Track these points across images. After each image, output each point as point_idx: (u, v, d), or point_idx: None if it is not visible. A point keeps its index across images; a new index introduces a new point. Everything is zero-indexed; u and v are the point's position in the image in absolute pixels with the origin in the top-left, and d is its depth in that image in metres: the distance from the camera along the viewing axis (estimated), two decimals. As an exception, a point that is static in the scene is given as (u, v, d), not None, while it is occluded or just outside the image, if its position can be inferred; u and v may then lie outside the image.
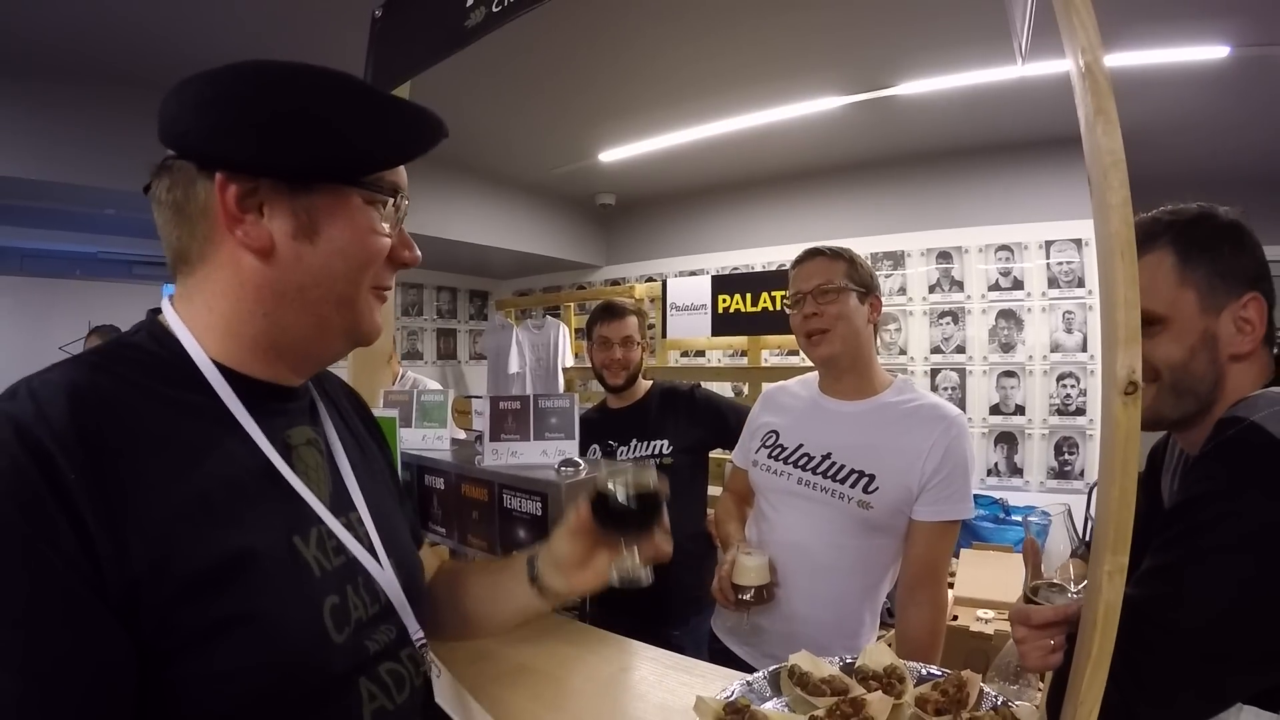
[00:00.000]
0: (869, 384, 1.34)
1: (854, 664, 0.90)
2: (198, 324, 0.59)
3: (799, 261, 1.38)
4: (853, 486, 1.25)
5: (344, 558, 0.61)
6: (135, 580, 0.46)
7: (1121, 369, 0.52)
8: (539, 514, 1.06)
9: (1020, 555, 0.79)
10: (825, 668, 0.87)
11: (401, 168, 0.65)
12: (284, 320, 0.59)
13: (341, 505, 0.65)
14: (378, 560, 0.65)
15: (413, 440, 1.45)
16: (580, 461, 1.12)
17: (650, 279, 5.00)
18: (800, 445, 1.34)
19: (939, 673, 0.87)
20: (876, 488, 1.23)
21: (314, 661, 0.55)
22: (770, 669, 0.89)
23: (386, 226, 0.63)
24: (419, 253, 0.67)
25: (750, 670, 1.34)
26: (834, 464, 1.28)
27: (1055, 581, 0.74)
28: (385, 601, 0.65)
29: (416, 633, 0.67)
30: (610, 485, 0.72)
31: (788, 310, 1.38)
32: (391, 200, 0.63)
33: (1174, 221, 0.82)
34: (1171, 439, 0.90)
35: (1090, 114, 0.56)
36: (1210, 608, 0.62)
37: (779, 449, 1.37)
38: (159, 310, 0.62)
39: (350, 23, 1.29)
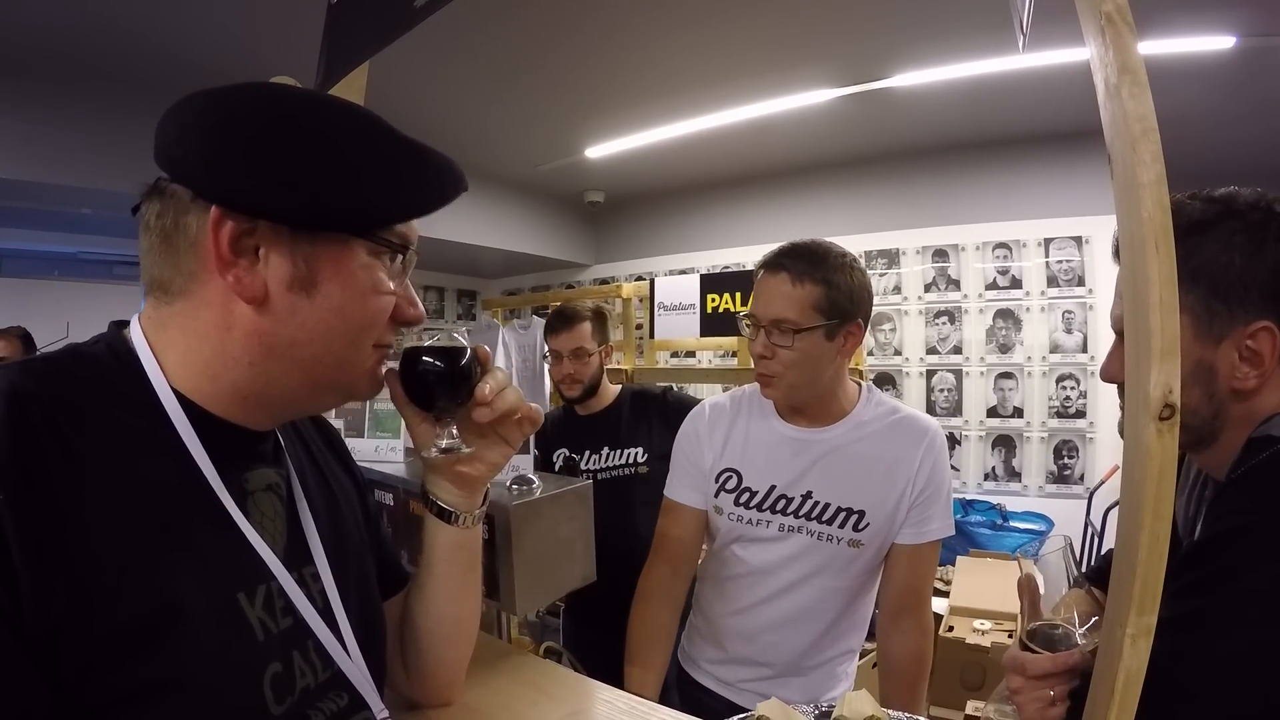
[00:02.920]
0: (837, 405, 1.16)
1: (830, 713, 0.80)
2: (169, 356, 0.53)
3: (762, 267, 1.12)
4: (841, 526, 1.12)
5: (292, 619, 0.55)
6: (56, 627, 0.41)
7: (1156, 388, 0.41)
8: (485, 537, 0.95)
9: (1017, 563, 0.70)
10: (797, 719, 0.77)
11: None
12: (271, 373, 0.54)
13: (297, 559, 0.59)
14: (335, 621, 0.59)
15: (365, 452, 1.35)
16: (534, 478, 1.01)
17: (640, 278, 4.89)
18: (773, 487, 1.15)
19: (928, 724, 0.77)
20: (867, 524, 1.11)
21: None
22: (735, 719, 0.79)
23: (391, 284, 0.57)
24: (423, 310, 0.62)
25: (722, 701, 1.21)
26: (817, 503, 1.13)
27: (1055, 622, 0.67)
28: (337, 668, 0.59)
29: (381, 712, 0.61)
30: (413, 345, 0.63)
31: (742, 324, 1.14)
32: (401, 256, 0.57)
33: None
34: (1186, 454, 0.79)
35: (1113, 75, 0.45)
36: (1254, 666, 0.53)
37: (746, 493, 1.17)
38: (124, 323, 0.56)
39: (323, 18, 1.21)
